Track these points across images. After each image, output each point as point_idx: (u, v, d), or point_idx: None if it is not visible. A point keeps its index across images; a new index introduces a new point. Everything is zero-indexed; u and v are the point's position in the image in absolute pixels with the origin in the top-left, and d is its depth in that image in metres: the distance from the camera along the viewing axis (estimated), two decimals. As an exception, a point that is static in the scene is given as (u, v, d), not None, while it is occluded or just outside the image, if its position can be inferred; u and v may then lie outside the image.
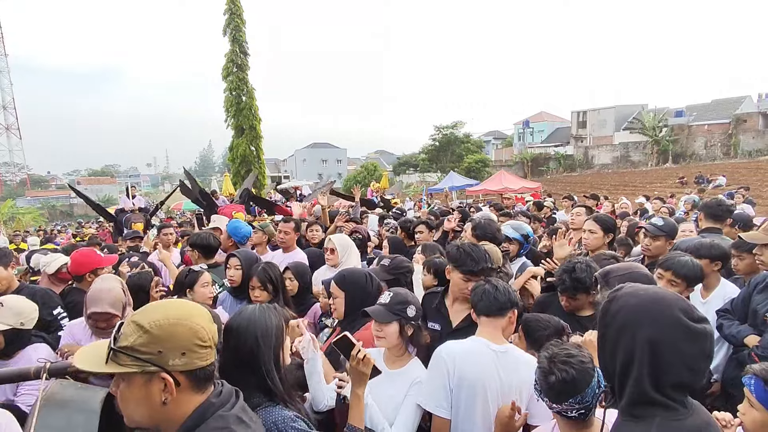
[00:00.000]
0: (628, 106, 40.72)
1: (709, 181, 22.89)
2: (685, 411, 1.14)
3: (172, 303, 1.20)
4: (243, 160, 28.54)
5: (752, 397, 1.48)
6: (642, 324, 1.15)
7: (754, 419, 1.48)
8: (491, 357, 1.90)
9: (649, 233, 3.24)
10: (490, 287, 2.04)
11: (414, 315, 2.06)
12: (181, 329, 1.08)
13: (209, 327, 1.13)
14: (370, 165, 44.39)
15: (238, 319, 1.67)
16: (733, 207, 4.10)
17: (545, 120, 49.56)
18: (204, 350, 1.11)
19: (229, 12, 28.43)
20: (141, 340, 1.05)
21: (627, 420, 1.18)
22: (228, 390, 1.21)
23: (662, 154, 34.02)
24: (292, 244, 4.29)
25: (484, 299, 2.02)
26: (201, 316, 1.14)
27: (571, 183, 30.03)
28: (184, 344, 1.08)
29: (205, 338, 1.11)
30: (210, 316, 1.17)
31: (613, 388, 1.22)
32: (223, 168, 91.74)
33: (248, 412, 1.23)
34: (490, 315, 2.00)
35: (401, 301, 2.06)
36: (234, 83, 28.47)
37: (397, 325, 2.03)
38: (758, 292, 2.45)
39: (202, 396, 1.14)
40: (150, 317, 1.09)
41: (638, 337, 1.14)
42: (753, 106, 35.22)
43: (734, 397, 2.47)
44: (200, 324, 1.11)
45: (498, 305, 1.99)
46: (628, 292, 1.24)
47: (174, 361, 1.06)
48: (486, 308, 2.01)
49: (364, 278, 2.47)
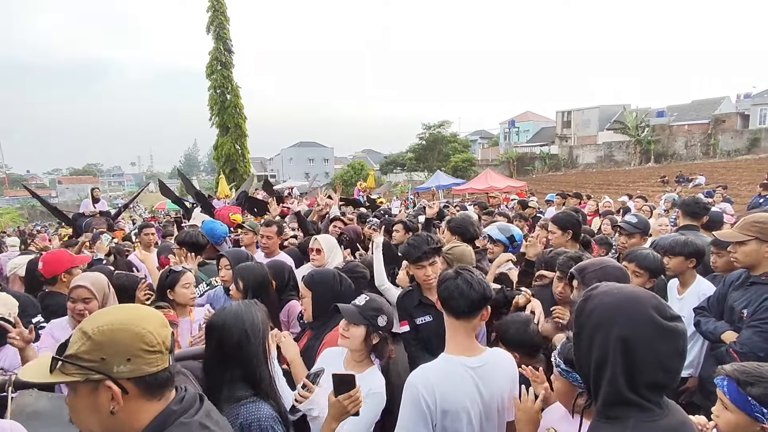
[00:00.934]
0: (612, 107, 41.35)
1: (689, 180, 23.35)
2: (660, 411, 1.14)
3: (122, 308, 1.14)
4: (228, 159, 28.29)
5: (725, 398, 1.47)
6: (616, 323, 1.14)
7: (728, 421, 1.47)
8: (469, 376, 1.71)
9: (624, 231, 3.30)
10: (462, 283, 1.74)
11: (384, 326, 2.03)
12: (126, 334, 1.03)
13: (159, 331, 1.08)
14: (357, 164, 44.28)
15: (223, 315, 1.70)
16: (710, 205, 4.18)
17: (531, 120, 50.02)
18: (152, 355, 1.05)
19: (212, 9, 28.13)
20: (84, 347, 1.01)
21: (602, 421, 1.17)
22: (191, 395, 1.16)
23: (644, 153, 34.59)
24: (275, 249, 4.21)
25: (456, 298, 1.73)
26: (149, 321, 1.08)
27: (556, 182, 30.33)
28: (129, 350, 1.03)
29: (152, 343, 1.05)
30: (163, 321, 1.12)
31: (589, 388, 1.21)
32: (208, 167, 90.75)
33: (213, 416, 1.19)
34: (461, 316, 1.74)
35: (375, 308, 2.04)
36: (218, 81, 28.19)
37: (364, 329, 2.00)
38: (734, 289, 2.48)
39: (160, 403, 1.09)
40: (95, 323, 1.04)
41: (612, 336, 1.13)
42: (731, 107, 36.08)
43: (713, 394, 2.50)
44: (147, 328, 1.06)
45: (470, 304, 1.73)
46: (603, 291, 1.23)
47: (119, 368, 1.01)
48: (456, 309, 1.74)
49: (332, 278, 2.46)
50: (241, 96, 29.03)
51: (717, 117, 34.03)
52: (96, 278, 2.58)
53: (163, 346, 1.07)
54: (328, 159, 70.20)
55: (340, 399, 1.64)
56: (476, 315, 1.76)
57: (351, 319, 2.02)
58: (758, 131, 31.27)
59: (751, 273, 2.40)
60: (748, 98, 35.93)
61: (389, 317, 2.07)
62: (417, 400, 1.66)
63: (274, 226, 4.26)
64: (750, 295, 2.36)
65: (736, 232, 2.41)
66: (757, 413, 1.41)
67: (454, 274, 1.80)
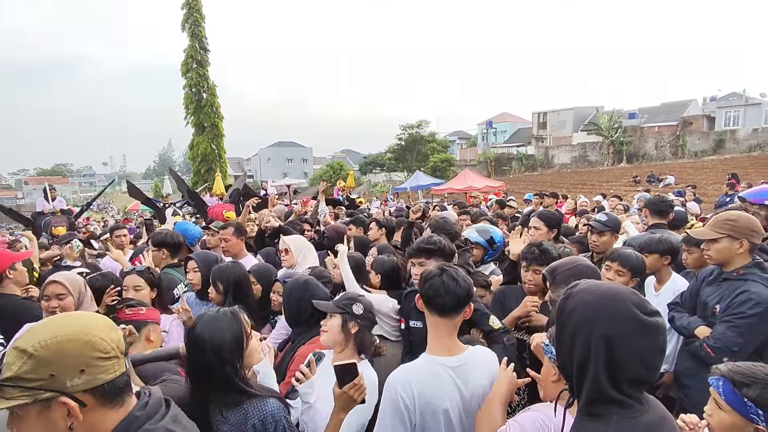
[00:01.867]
0: (586, 108, 42.33)
1: (660, 180, 24.12)
2: (641, 407, 1.15)
3: (62, 318, 1.08)
4: (204, 159, 27.82)
5: (720, 399, 1.48)
6: (597, 320, 1.15)
7: (722, 421, 1.48)
8: (449, 376, 1.70)
9: (595, 230, 3.35)
10: (448, 279, 1.72)
11: (360, 314, 2.03)
12: (74, 345, 0.96)
13: (111, 336, 1.02)
14: (336, 164, 44.16)
15: (196, 332, 1.66)
16: (674, 203, 4.33)
17: (507, 121, 50.77)
18: (107, 362, 1.00)
19: (187, 6, 27.54)
20: (26, 366, 0.93)
21: (585, 419, 1.17)
22: (156, 400, 1.11)
23: (617, 154, 35.54)
24: (237, 251, 3.90)
25: (442, 295, 1.71)
26: (98, 327, 1.02)
27: (532, 182, 30.85)
28: (81, 360, 0.96)
29: (105, 349, 1.00)
30: (111, 325, 1.07)
31: (572, 386, 1.21)
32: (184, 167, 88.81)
33: (182, 421, 1.14)
34: (446, 314, 1.73)
35: (350, 297, 2.08)
36: (194, 79, 27.68)
37: (339, 318, 2.01)
38: (707, 285, 2.54)
39: (121, 411, 1.04)
40: (34, 339, 0.96)
41: (594, 334, 1.14)
42: (698, 109, 37.44)
43: (687, 387, 2.58)
44: (98, 335, 1.00)
45: (457, 301, 1.72)
46: (583, 289, 1.24)
47: (73, 382, 0.95)
48: (443, 306, 1.72)
49: (303, 286, 2.44)
50: (218, 95, 28.55)
51: (685, 119, 35.23)
52: (71, 276, 2.51)
53: (117, 350, 1.02)
54: (307, 159, 69.71)
55: (345, 389, 1.62)
56: (460, 312, 1.75)
57: (324, 309, 2.05)
58: (723, 133, 32.55)
59: (723, 269, 2.46)
60: (714, 101, 37.36)
61: (366, 307, 2.07)
62: (396, 401, 1.65)
63: (231, 227, 3.96)
64: (722, 290, 2.42)
65: (709, 230, 2.47)
66: (752, 414, 1.42)
67: (438, 271, 1.77)
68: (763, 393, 1.40)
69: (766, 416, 1.39)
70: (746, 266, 2.37)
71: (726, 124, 33.49)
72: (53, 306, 2.35)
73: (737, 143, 31.52)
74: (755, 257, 2.42)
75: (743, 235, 2.36)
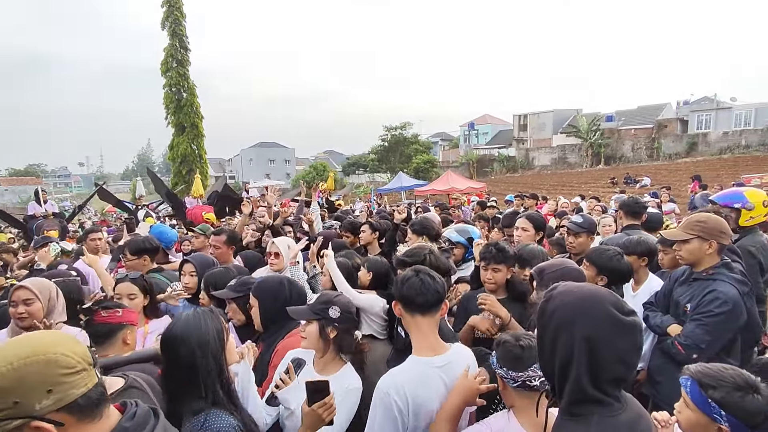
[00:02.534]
0: (565, 111, 43.11)
1: (636, 181, 24.76)
2: (619, 406, 1.20)
3: (15, 342, 1.01)
4: (184, 160, 27.36)
5: (687, 398, 1.54)
6: (578, 322, 1.19)
7: (689, 419, 1.54)
8: (438, 377, 1.71)
9: (571, 231, 3.43)
10: (425, 276, 1.77)
11: (337, 317, 1.99)
12: (35, 367, 0.92)
13: (74, 350, 0.98)
14: (319, 165, 43.95)
15: (174, 330, 1.61)
16: (650, 204, 4.47)
17: (489, 123, 51.30)
18: (75, 377, 0.96)
19: (167, 4, 27.06)
20: None
21: (566, 419, 1.21)
22: (143, 411, 1.09)
23: (595, 156, 36.30)
24: (226, 259, 3.83)
25: (423, 293, 1.73)
26: (58, 343, 0.98)
27: (513, 183, 31.28)
28: (46, 381, 0.93)
29: (70, 364, 0.96)
30: (73, 338, 1.04)
31: (554, 387, 1.25)
32: (163, 168, 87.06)
33: (170, 430, 1.14)
34: (427, 312, 1.75)
35: (324, 301, 2.02)
36: (174, 79, 27.22)
37: (317, 324, 1.98)
38: (679, 285, 2.64)
39: (102, 423, 1.02)
40: None
41: (576, 336, 1.17)
42: (672, 113, 38.53)
43: (659, 384, 2.66)
44: (59, 351, 0.96)
45: (437, 297, 1.75)
46: (562, 291, 1.27)
47: (41, 404, 0.92)
48: (425, 303, 1.74)
49: (278, 284, 2.37)
50: (198, 95, 28.14)
51: (660, 122, 36.21)
52: (40, 281, 2.42)
53: (84, 363, 0.99)
54: (290, 160, 69.13)
55: (314, 408, 1.61)
56: (439, 309, 1.78)
57: (299, 317, 2.01)
58: (695, 136, 33.57)
59: (693, 269, 2.56)
60: (687, 105, 38.54)
61: (343, 308, 2.02)
62: (389, 406, 1.63)
63: (224, 234, 3.89)
64: (693, 290, 2.52)
65: (680, 231, 2.57)
66: (715, 415, 1.48)
67: (413, 272, 1.80)
68: (727, 396, 1.46)
69: (728, 417, 1.45)
70: (715, 266, 2.47)
71: (698, 128, 34.56)
72: (20, 312, 2.25)
73: (709, 146, 32.56)
74: (724, 257, 2.53)
75: (712, 236, 2.46)
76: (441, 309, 1.80)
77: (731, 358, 2.40)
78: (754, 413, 1.44)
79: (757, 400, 1.45)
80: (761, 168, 23.04)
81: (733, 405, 1.45)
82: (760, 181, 15.89)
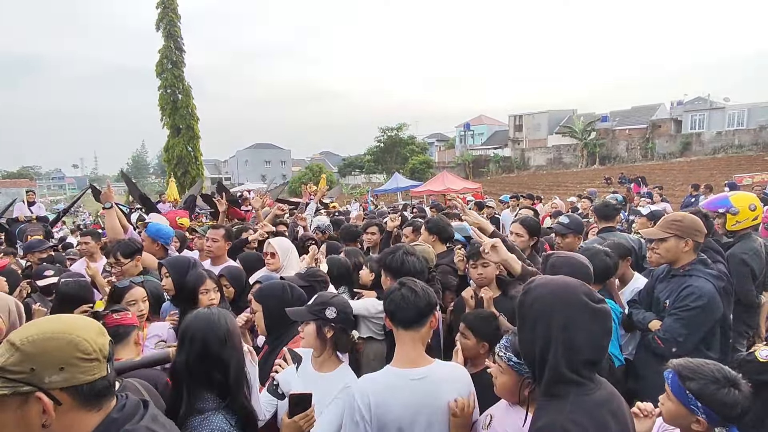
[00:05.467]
0: (560, 111, 43.36)
1: (631, 181, 24.92)
2: (593, 386, 1.31)
3: (54, 318, 1.11)
4: (179, 162, 27.26)
5: (668, 389, 1.62)
6: (555, 311, 1.29)
7: (670, 410, 1.62)
8: (410, 390, 1.68)
9: (558, 232, 3.50)
10: (407, 291, 1.76)
11: (334, 317, 2.02)
12: (57, 343, 0.99)
13: (95, 339, 1.05)
14: (315, 166, 44.05)
15: (199, 320, 1.65)
16: (620, 206, 4.56)
17: (485, 123, 51.49)
18: (88, 363, 1.02)
19: (162, 5, 27.01)
20: (12, 359, 0.97)
21: (546, 399, 1.31)
22: (133, 402, 1.13)
23: (590, 156, 36.52)
24: (221, 254, 3.88)
25: (404, 308, 1.74)
26: (85, 329, 1.05)
27: (509, 183, 31.43)
28: (62, 358, 0.99)
29: (88, 350, 1.02)
30: (100, 329, 1.09)
31: (534, 372, 1.35)
32: (158, 169, 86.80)
33: (160, 420, 1.17)
34: (410, 327, 1.75)
35: (322, 301, 2.06)
36: (169, 80, 27.13)
37: (314, 325, 2.02)
38: (659, 282, 2.73)
39: (99, 414, 1.05)
40: (24, 334, 1.00)
41: (553, 324, 1.28)
42: (666, 113, 38.81)
43: (643, 378, 2.73)
44: (83, 336, 1.03)
45: (418, 312, 1.74)
46: (539, 284, 1.39)
47: (51, 378, 0.97)
48: (405, 319, 1.75)
49: (281, 289, 2.41)
50: (194, 96, 28.10)
51: (654, 122, 36.48)
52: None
53: (100, 354, 1.04)
54: (285, 161, 69.16)
55: (296, 419, 1.65)
56: (424, 323, 1.77)
57: (297, 318, 2.06)
58: (689, 136, 33.82)
59: (672, 267, 2.65)
60: (681, 105, 38.81)
61: (339, 308, 2.07)
62: (352, 410, 1.66)
63: (222, 229, 3.96)
64: (671, 286, 2.60)
65: (658, 230, 2.65)
66: (692, 406, 1.55)
67: (398, 285, 1.81)
68: (704, 388, 1.53)
69: (705, 409, 1.52)
70: (691, 263, 2.56)
71: (692, 128, 34.81)
72: None
73: (702, 146, 32.82)
74: (700, 254, 2.62)
75: (689, 235, 2.55)
76: (426, 324, 1.78)
77: (711, 351, 2.48)
78: (729, 406, 1.50)
79: (734, 394, 1.51)
80: (753, 167, 23.27)
81: (708, 397, 1.52)
82: (752, 181, 16.07)
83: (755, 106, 33.12)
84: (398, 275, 2.49)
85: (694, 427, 1.57)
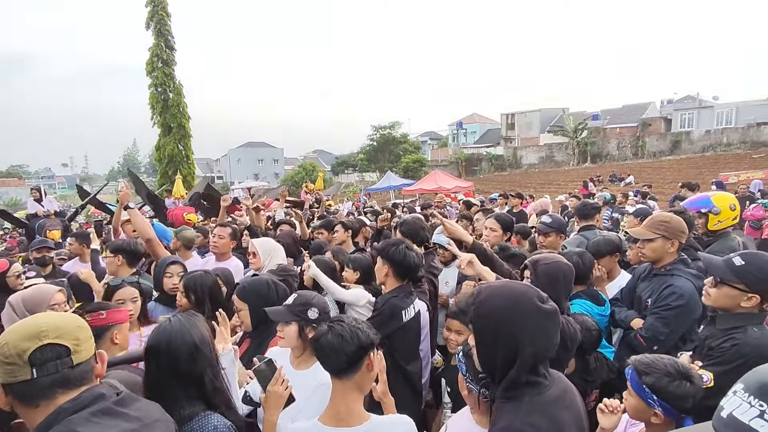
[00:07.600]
0: (552, 110, 43.61)
1: (621, 179, 25.17)
2: (547, 383, 1.34)
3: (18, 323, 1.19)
4: (170, 160, 27.10)
5: (629, 385, 1.68)
6: (515, 317, 1.30)
7: (631, 404, 1.68)
8: None
9: (541, 231, 3.54)
10: (334, 338, 1.58)
11: (316, 317, 2.04)
12: None
13: (17, 344, 1.11)
14: (308, 165, 43.89)
15: (167, 332, 1.60)
16: (598, 205, 4.64)
17: (477, 122, 51.64)
18: (8, 366, 1.09)
19: (151, 4, 26.79)
20: None
21: (503, 402, 1.33)
22: (90, 393, 1.15)
23: (582, 154, 36.78)
24: (226, 251, 4.00)
25: (330, 355, 1.58)
26: (12, 333, 1.13)
27: (501, 182, 31.56)
28: None
29: (6, 354, 1.10)
30: (31, 335, 1.12)
31: (494, 378, 1.35)
32: (149, 168, 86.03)
33: (114, 412, 1.16)
34: (342, 375, 1.59)
35: (303, 302, 2.07)
36: (159, 79, 26.94)
37: (296, 326, 2.03)
38: (641, 281, 2.76)
39: (41, 410, 1.12)
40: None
41: (515, 330, 1.29)
42: (656, 112, 39.17)
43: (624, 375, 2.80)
44: (5, 340, 1.12)
45: (348, 359, 1.57)
46: (491, 294, 1.38)
47: None
48: (335, 367, 1.59)
49: (265, 287, 2.42)
50: (185, 95, 27.93)
51: (644, 121, 36.82)
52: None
53: (18, 359, 1.09)
54: (278, 160, 68.82)
55: (270, 388, 1.68)
56: (356, 369, 1.59)
57: (279, 319, 2.05)
58: (679, 134, 34.22)
59: (654, 266, 2.68)
60: (671, 104, 39.19)
61: (321, 308, 2.09)
62: None
63: (229, 227, 4.08)
64: (653, 285, 2.63)
65: (645, 230, 2.68)
66: (649, 399, 1.60)
67: (326, 329, 1.64)
68: (657, 381, 1.59)
69: (660, 402, 1.59)
70: (672, 262, 2.60)
71: (682, 126, 35.22)
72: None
73: (692, 144, 33.21)
74: (681, 254, 2.65)
75: (675, 236, 2.59)
76: (359, 370, 1.60)
77: (688, 344, 2.52)
78: (681, 398, 1.57)
79: (685, 386, 1.58)
80: (741, 166, 23.61)
81: (662, 389, 1.58)
82: (738, 179, 16.29)
83: (743, 104, 33.57)
84: (399, 267, 2.66)
85: (653, 420, 1.62)
